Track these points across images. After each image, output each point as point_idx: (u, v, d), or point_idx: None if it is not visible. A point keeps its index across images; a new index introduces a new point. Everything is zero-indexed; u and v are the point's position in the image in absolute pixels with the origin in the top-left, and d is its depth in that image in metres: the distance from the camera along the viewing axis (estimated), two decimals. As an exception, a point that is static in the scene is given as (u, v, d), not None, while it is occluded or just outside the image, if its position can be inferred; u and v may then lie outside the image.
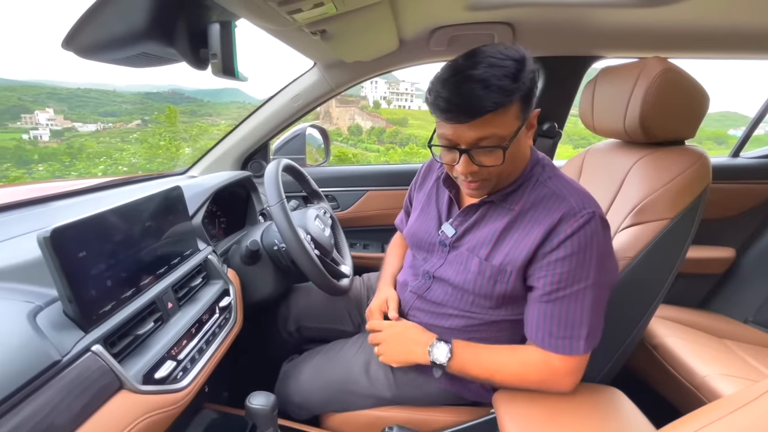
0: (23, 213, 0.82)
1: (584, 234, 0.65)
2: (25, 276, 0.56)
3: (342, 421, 0.88)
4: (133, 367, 0.56)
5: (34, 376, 0.44)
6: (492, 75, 0.59)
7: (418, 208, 0.91)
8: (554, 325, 0.68)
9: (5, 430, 0.40)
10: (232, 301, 0.83)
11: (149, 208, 0.68)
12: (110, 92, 57.74)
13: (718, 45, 1.07)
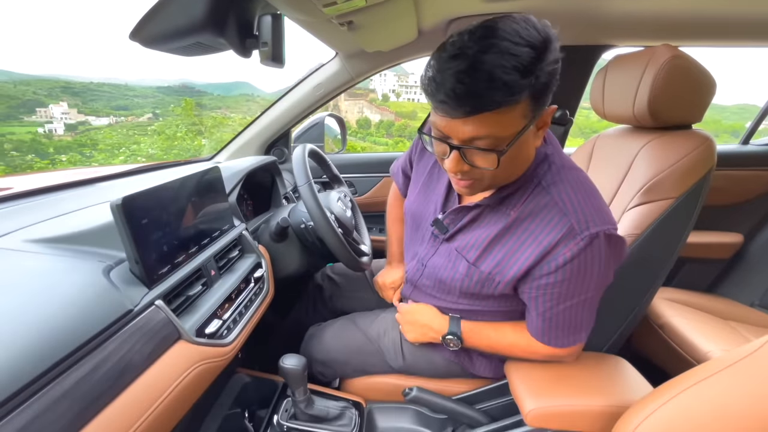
0: (78, 191, 0.90)
1: (584, 258, 0.61)
2: (95, 240, 0.63)
3: (360, 386, 0.95)
4: (187, 322, 0.63)
5: (113, 321, 0.52)
6: (500, 66, 0.48)
7: (419, 182, 0.87)
8: (556, 332, 0.72)
9: (93, 364, 0.47)
10: (265, 273, 0.90)
11: (194, 185, 0.75)
12: (122, 86, 58.33)
13: (727, 33, 1.09)
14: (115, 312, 0.53)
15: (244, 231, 0.92)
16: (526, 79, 0.49)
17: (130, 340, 0.53)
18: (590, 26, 1.11)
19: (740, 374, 0.55)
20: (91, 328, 0.49)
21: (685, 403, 0.58)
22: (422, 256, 0.85)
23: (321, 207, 0.90)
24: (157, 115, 33.82)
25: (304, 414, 0.84)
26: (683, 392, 0.58)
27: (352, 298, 1.15)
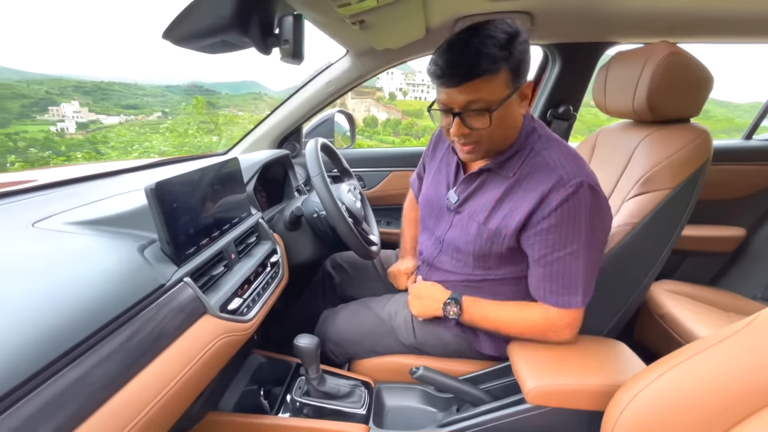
0: (104, 181, 0.96)
1: (573, 203, 0.72)
2: (129, 222, 0.69)
3: (371, 366, 1.01)
4: (211, 299, 0.69)
5: (149, 293, 0.57)
6: (483, 44, 0.65)
7: (430, 174, 1.01)
8: (552, 284, 0.77)
9: (133, 329, 0.53)
10: (280, 259, 0.96)
11: (215, 174, 0.81)
12: (132, 85, 58.96)
13: (727, 30, 1.12)
14: (149, 285, 0.59)
15: (261, 219, 0.97)
16: (503, 52, 0.66)
17: (163, 311, 0.58)
18: (592, 24, 1.14)
19: (728, 349, 0.59)
20: (129, 299, 0.55)
21: (676, 378, 0.62)
22: (439, 234, 0.94)
23: (333, 197, 0.95)
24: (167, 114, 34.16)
25: (317, 391, 0.89)
26: (674, 368, 0.63)
27: (361, 286, 1.20)
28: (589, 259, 0.76)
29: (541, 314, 0.80)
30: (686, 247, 1.53)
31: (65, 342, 0.45)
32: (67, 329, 0.46)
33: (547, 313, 0.80)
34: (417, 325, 0.97)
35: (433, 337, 0.96)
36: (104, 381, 0.47)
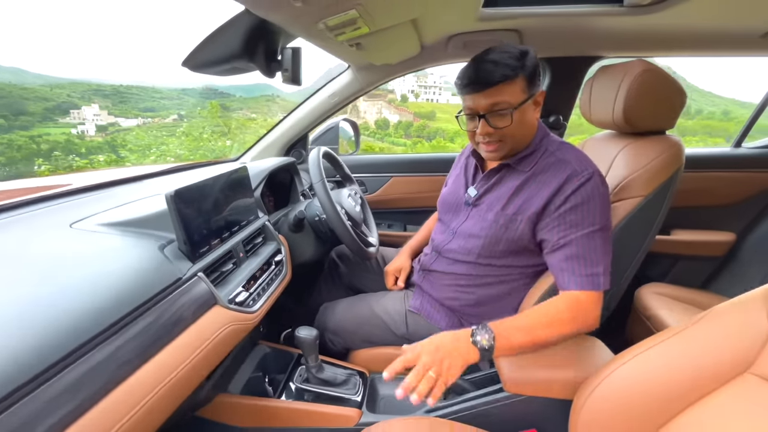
0: (128, 187, 1.07)
1: (587, 188, 0.81)
2: (151, 224, 0.79)
3: (366, 357, 1.09)
4: (221, 292, 0.78)
5: (168, 285, 0.67)
6: (501, 57, 0.79)
7: (450, 181, 1.13)
8: (575, 264, 0.80)
9: (155, 315, 0.62)
10: (284, 258, 1.05)
11: (226, 181, 0.91)
12: (149, 89, 60.26)
13: (696, 45, 1.19)
14: (168, 279, 0.68)
15: (267, 222, 1.07)
16: (519, 62, 0.79)
17: (179, 301, 0.68)
18: (577, 40, 1.21)
19: (682, 341, 0.66)
20: (151, 289, 0.65)
21: (635, 367, 0.69)
22: (453, 226, 1.02)
23: (332, 201, 1.04)
24: (182, 116, 34.62)
25: (315, 378, 0.98)
26: (634, 358, 0.70)
27: (363, 277, 1.29)
28: (605, 243, 0.81)
29: (566, 302, 0.79)
30: (678, 251, 1.58)
31: (98, 325, 0.54)
32: (100, 314, 0.55)
33: (572, 298, 0.79)
34: (409, 319, 1.05)
35: (424, 330, 1.04)
36: (131, 357, 0.56)
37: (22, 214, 0.80)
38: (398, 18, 0.84)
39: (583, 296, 0.80)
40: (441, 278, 1.03)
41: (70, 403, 0.46)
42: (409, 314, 1.06)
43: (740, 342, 0.61)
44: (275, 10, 0.62)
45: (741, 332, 0.61)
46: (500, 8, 1.03)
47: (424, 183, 1.65)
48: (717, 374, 0.61)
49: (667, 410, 0.63)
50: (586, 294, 0.80)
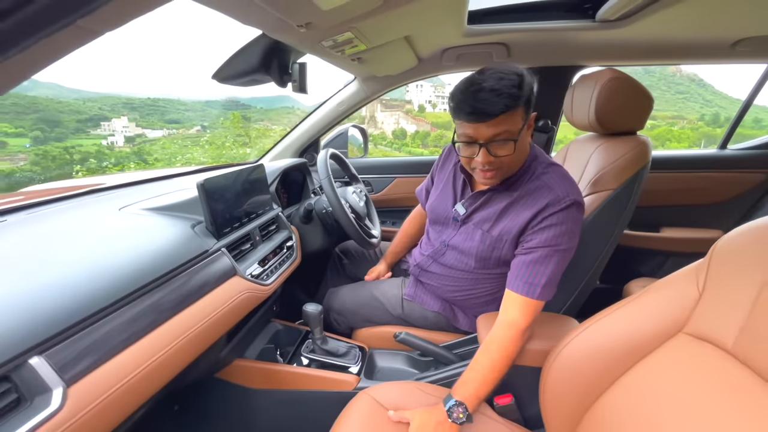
0: (163, 183, 1.24)
1: (563, 214, 0.87)
2: (183, 209, 0.95)
3: (367, 335, 1.22)
4: (240, 266, 0.93)
5: (197, 255, 0.83)
6: (503, 85, 0.77)
7: (439, 186, 1.13)
8: (523, 270, 0.89)
9: (185, 279, 0.77)
10: (294, 244, 1.20)
11: (246, 176, 1.07)
12: (175, 101, 62.34)
13: (669, 53, 1.29)
14: (198, 250, 0.84)
15: (280, 212, 1.22)
16: (519, 92, 0.79)
17: (206, 269, 0.83)
18: (560, 52, 1.33)
19: (629, 309, 0.77)
20: (184, 257, 0.80)
21: (590, 334, 0.80)
22: (445, 239, 1.08)
23: (336, 194, 1.19)
24: (205, 128, 35.74)
25: (320, 349, 1.11)
26: (589, 327, 0.80)
27: (365, 267, 1.42)
28: (559, 264, 0.88)
29: (500, 327, 0.87)
30: (669, 248, 1.65)
31: (145, 278, 0.69)
32: (146, 271, 0.71)
33: (501, 323, 0.88)
34: (405, 303, 1.18)
35: (417, 313, 1.16)
36: (169, 306, 0.71)
37: (78, 202, 0.98)
38: (390, 36, 0.99)
39: (517, 303, 0.87)
40: (437, 278, 1.13)
41: (130, 329, 0.62)
42: (405, 300, 1.18)
43: (675, 307, 0.71)
44: (285, 33, 0.77)
45: (676, 299, 0.72)
46: (484, 25, 1.16)
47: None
48: (657, 335, 0.71)
49: (617, 369, 0.73)
50: (521, 300, 0.87)
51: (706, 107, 38.57)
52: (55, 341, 0.53)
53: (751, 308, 0.60)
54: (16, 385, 0.49)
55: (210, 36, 36.52)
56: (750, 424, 0.53)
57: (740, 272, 0.64)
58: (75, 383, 0.53)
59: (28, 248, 0.68)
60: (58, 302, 0.56)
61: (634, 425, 0.66)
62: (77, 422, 0.51)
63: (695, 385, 0.63)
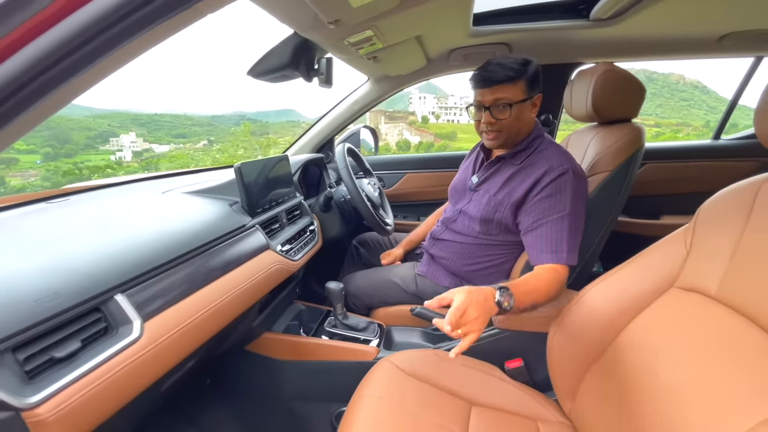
0: (191, 176, 1.35)
1: (561, 180, 0.98)
2: (221, 191, 1.06)
3: (384, 314, 1.31)
4: (272, 241, 1.03)
5: (236, 228, 0.93)
6: (507, 61, 0.98)
7: (462, 167, 1.33)
8: (543, 243, 0.97)
9: (229, 245, 0.87)
10: (316, 229, 1.30)
11: (274, 165, 1.17)
12: (182, 116, 63.41)
13: (660, 49, 1.40)
14: (237, 224, 0.94)
15: (302, 200, 1.33)
16: (522, 68, 0.98)
17: (244, 241, 0.93)
18: (558, 50, 1.44)
19: (626, 271, 0.85)
20: (226, 228, 0.90)
21: (591, 297, 0.88)
22: (459, 207, 1.22)
23: (355, 182, 1.29)
24: (212, 142, 36.17)
25: (342, 324, 1.20)
26: (590, 291, 0.88)
27: (379, 256, 1.52)
28: (572, 226, 0.97)
29: (545, 272, 0.95)
30: (661, 234, 1.73)
31: (196, 242, 0.79)
32: (197, 237, 0.81)
33: (548, 269, 0.96)
34: (418, 280, 1.27)
35: (430, 289, 1.25)
36: (216, 267, 0.81)
37: (120, 189, 1.09)
38: (404, 35, 1.10)
39: (552, 268, 0.95)
40: (447, 246, 1.25)
41: (188, 282, 0.72)
42: (418, 277, 1.28)
43: (667, 265, 0.80)
44: (315, 31, 0.88)
45: (667, 258, 0.81)
46: (488, 26, 1.28)
47: (433, 178, 1.89)
48: (650, 292, 0.80)
49: (615, 326, 0.81)
50: (553, 267, 0.95)
51: (711, 114, 38.44)
52: (133, 284, 0.63)
53: (730, 257, 0.69)
54: (105, 316, 0.58)
55: (216, 51, 37.86)
56: (731, 356, 0.61)
57: (721, 229, 0.73)
58: (149, 319, 0.62)
59: (100, 216, 0.79)
60: (133, 254, 0.66)
61: (632, 375, 0.73)
62: (152, 350, 0.60)
63: (683, 331, 0.71)
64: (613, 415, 0.75)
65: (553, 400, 0.94)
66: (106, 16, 0.36)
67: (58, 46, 0.36)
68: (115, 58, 0.39)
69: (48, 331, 0.51)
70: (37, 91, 0.37)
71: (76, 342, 0.53)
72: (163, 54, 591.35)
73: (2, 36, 0.35)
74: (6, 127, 0.38)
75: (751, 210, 0.69)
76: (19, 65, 0.36)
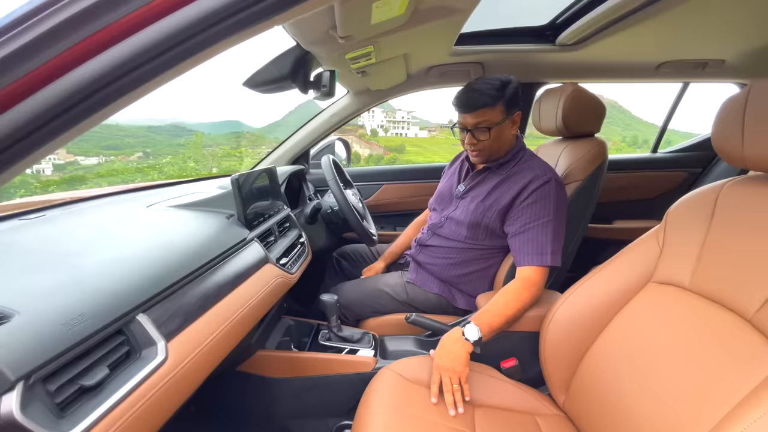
0: (172, 188, 1.28)
1: (545, 189, 1.08)
2: (214, 204, 1.01)
3: (375, 324, 1.31)
4: (269, 255, 1.01)
5: (236, 243, 0.89)
6: (486, 87, 1.06)
7: (446, 177, 1.39)
8: (528, 246, 1.06)
9: (229, 263, 0.84)
10: (305, 241, 1.28)
11: (264, 177, 1.15)
12: (113, 126, 58.64)
13: (611, 73, 1.60)
14: (237, 238, 0.91)
15: (290, 212, 1.31)
16: (500, 93, 1.07)
17: (246, 254, 0.90)
18: (526, 70, 1.58)
19: (607, 271, 0.94)
20: (229, 242, 0.87)
21: (577, 297, 0.95)
22: (445, 214, 1.27)
23: (344, 193, 1.30)
24: (148, 154, 33.82)
25: (336, 336, 1.19)
26: (576, 291, 0.96)
27: (362, 268, 1.52)
28: (556, 231, 1.06)
29: (520, 282, 1.03)
30: (621, 237, 1.92)
31: (203, 259, 0.76)
32: (210, 250, 0.78)
33: (524, 276, 1.04)
34: (408, 288, 1.29)
35: (421, 296, 1.28)
36: (226, 282, 0.78)
37: (99, 202, 1.00)
38: (397, 52, 1.15)
39: (532, 271, 1.05)
40: (434, 251, 1.29)
41: (204, 297, 0.68)
42: (407, 285, 1.30)
43: (642, 263, 0.89)
44: (320, 44, 0.89)
45: (643, 257, 0.90)
46: (468, 46, 1.37)
47: (410, 189, 1.94)
48: (630, 288, 0.88)
49: (600, 322, 0.89)
50: (535, 270, 1.05)
51: (627, 130, 43.01)
52: (153, 302, 0.59)
53: (699, 253, 0.79)
54: (128, 339, 0.54)
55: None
56: (708, 338, 0.70)
57: (689, 228, 0.84)
58: (173, 338, 0.58)
59: (99, 231, 0.73)
60: (149, 271, 0.62)
61: (618, 366, 0.81)
62: (180, 372, 0.57)
63: (662, 321, 0.80)
64: (604, 404, 0.81)
65: (546, 395, 1.00)
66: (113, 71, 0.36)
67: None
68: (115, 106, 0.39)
69: (76, 357, 0.46)
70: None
71: (103, 368, 0.49)
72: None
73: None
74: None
75: (714, 211, 0.80)
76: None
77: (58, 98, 0.35)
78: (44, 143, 0.36)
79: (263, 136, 31.96)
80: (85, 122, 0.37)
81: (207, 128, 59.45)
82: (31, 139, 0.35)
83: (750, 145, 0.71)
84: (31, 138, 0.35)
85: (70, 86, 0.35)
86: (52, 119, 0.35)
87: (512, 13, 1.56)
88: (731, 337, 0.68)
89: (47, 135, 0.36)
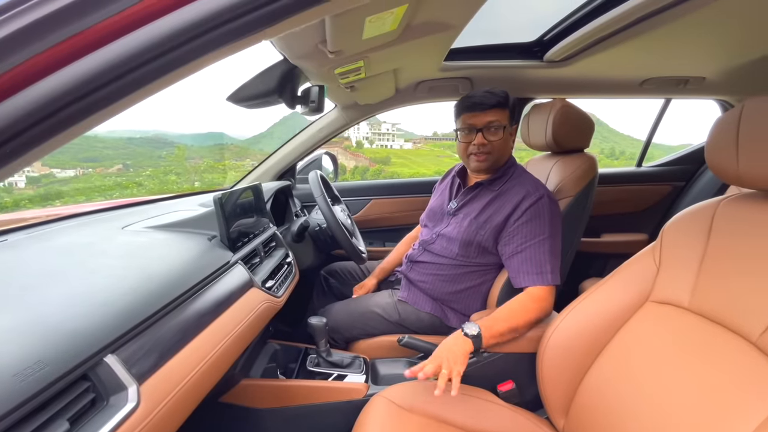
0: (151, 205, 1.21)
1: (538, 206, 1.06)
2: (194, 224, 0.96)
3: (366, 347, 1.26)
4: (254, 278, 0.95)
5: (220, 267, 0.84)
6: (494, 91, 1.11)
7: (437, 193, 1.37)
8: (527, 266, 1.04)
9: (210, 291, 0.78)
10: (292, 261, 1.23)
11: (248, 194, 1.10)
12: (91, 138, 57.35)
13: (597, 89, 1.62)
14: (220, 261, 0.85)
15: (276, 231, 1.25)
16: (506, 99, 1.12)
17: (229, 279, 0.85)
18: (514, 85, 1.58)
19: (603, 291, 0.92)
20: (212, 267, 0.81)
21: (574, 316, 0.92)
22: (437, 230, 1.24)
23: (332, 210, 1.25)
24: (128, 166, 33.32)
25: (325, 362, 1.13)
26: (572, 310, 0.93)
27: (351, 286, 1.47)
28: (553, 247, 1.05)
29: (528, 296, 1.02)
30: (608, 251, 1.93)
31: (183, 287, 0.70)
32: (188, 278, 0.72)
33: (530, 293, 1.02)
34: (399, 307, 1.25)
35: (413, 315, 1.24)
36: (207, 311, 0.72)
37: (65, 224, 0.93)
38: (387, 67, 1.13)
39: (537, 290, 1.02)
40: (425, 267, 1.25)
41: (182, 330, 0.63)
42: (399, 303, 1.26)
43: (639, 282, 0.87)
44: (308, 59, 0.86)
45: (639, 276, 0.88)
46: (456, 62, 1.36)
47: (399, 204, 1.91)
48: (628, 307, 0.86)
49: (599, 342, 0.86)
50: (540, 288, 1.02)
51: (604, 142, 44.47)
52: (124, 340, 0.53)
53: (697, 271, 0.78)
54: (94, 384, 0.48)
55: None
56: (710, 361, 0.68)
57: (685, 246, 0.82)
58: (146, 380, 0.53)
59: (64, 259, 0.66)
60: (120, 304, 0.56)
61: (619, 388, 0.78)
62: (154, 419, 0.51)
63: (662, 342, 0.78)
64: (605, 428, 0.78)
65: (545, 419, 0.97)
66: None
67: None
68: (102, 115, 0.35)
69: (30, 412, 0.40)
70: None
71: (62, 423, 0.43)
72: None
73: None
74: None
75: (711, 228, 0.79)
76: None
77: (25, 110, 0.31)
78: (16, 156, 0.32)
79: (248, 148, 31.67)
80: (59, 136, 0.33)
81: (190, 140, 58.65)
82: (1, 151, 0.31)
83: (745, 164, 0.70)
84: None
85: (39, 97, 0.31)
86: (24, 131, 0.31)
87: (500, 29, 1.57)
88: (738, 360, 0.66)
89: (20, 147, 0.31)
